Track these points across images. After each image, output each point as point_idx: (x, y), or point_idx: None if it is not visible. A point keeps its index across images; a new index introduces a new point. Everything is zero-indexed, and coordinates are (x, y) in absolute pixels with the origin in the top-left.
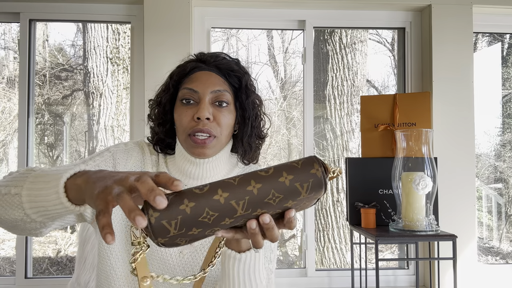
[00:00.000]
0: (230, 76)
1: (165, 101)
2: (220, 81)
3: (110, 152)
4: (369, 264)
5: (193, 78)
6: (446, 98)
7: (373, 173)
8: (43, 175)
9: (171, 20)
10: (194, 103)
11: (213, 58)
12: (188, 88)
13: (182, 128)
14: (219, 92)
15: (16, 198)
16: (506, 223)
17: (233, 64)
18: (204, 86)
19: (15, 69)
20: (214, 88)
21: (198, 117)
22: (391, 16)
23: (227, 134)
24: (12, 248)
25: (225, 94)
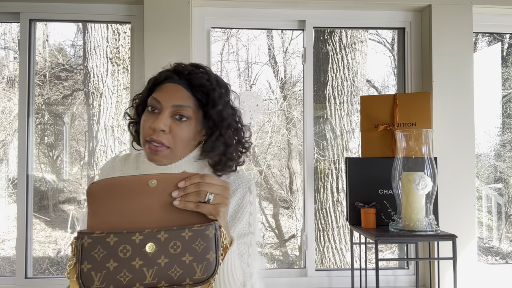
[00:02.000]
0: (197, 92)
1: (139, 102)
2: (186, 95)
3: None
4: (369, 264)
5: (162, 88)
6: (446, 98)
7: (373, 173)
8: None
9: (171, 20)
10: (157, 112)
11: (186, 71)
12: (154, 97)
13: (143, 133)
14: (179, 107)
15: None
16: (506, 223)
17: (204, 79)
18: (168, 99)
19: (15, 69)
20: (176, 102)
21: (154, 127)
22: (391, 16)
23: (183, 145)
24: (12, 248)
25: (186, 109)
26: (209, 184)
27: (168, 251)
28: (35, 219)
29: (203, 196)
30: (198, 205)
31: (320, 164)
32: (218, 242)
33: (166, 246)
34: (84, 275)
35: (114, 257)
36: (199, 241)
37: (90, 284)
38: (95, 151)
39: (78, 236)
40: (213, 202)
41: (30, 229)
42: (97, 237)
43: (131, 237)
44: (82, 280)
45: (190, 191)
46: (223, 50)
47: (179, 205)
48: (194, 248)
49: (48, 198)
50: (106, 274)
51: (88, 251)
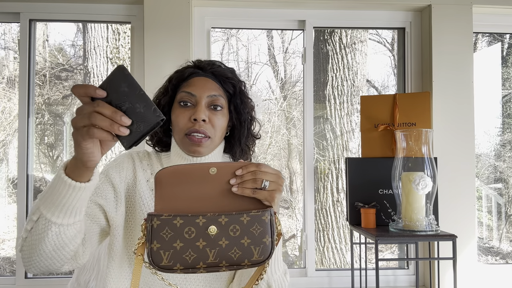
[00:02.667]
0: (225, 83)
1: (164, 103)
2: (216, 86)
3: (103, 174)
4: (369, 264)
5: (191, 83)
6: (446, 98)
7: (373, 173)
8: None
9: (171, 20)
10: (191, 106)
11: (209, 66)
12: (186, 91)
13: (179, 128)
14: (214, 96)
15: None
16: (506, 223)
17: (227, 72)
18: (201, 91)
19: (15, 69)
20: (210, 92)
21: (195, 118)
22: (391, 16)
23: (220, 135)
24: (12, 248)
25: (220, 99)
26: (264, 172)
27: (228, 233)
28: None
29: (259, 183)
30: (254, 191)
31: (320, 164)
32: (273, 227)
33: (226, 229)
34: (153, 254)
35: (180, 237)
36: (256, 226)
37: (159, 262)
38: None
39: (148, 217)
40: (269, 189)
41: None
42: (165, 219)
43: (195, 220)
44: (152, 258)
45: (247, 178)
46: (223, 50)
47: (237, 191)
48: (251, 232)
49: None
50: (173, 253)
51: (157, 232)
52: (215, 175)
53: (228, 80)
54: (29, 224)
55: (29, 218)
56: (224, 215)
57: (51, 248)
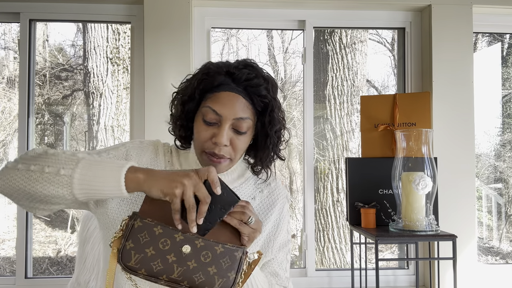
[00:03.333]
0: (256, 100)
1: (190, 109)
2: (245, 105)
3: (125, 148)
4: (369, 264)
5: (219, 98)
6: (446, 98)
7: (373, 173)
8: (96, 164)
9: (171, 20)
10: (215, 124)
11: (244, 76)
12: (212, 109)
13: (199, 143)
14: (241, 119)
15: (64, 178)
16: (506, 223)
17: (263, 88)
18: (228, 112)
19: (15, 69)
20: (237, 115)
21: (216, 142)
22: (391, 16)
23: (240, 155)
24: (12, 248)
25: (247, 121)
26: (250, 211)
27: (199, 257)
28: (35, 219)
29: (246, 217)
30: (240, 223)
31: (320, 164)
32: (241, 265)
33: (199, 253)
34: (125, 251)
35: (154, 245)
36: (227, 259)
37: (127, 261)
38: None
39: (132, 215)
40: (252, 226)
41: (30, 229)
42: (147, 223)
43: (174, 234)
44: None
45: (236, 210)
46: (223, 50)
47: (225, 218)
48: (220, 263)
49: None
50: (143, 257)
51: (135, 232)
52: None
53: (261, 98)
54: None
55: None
56: (201, 239)
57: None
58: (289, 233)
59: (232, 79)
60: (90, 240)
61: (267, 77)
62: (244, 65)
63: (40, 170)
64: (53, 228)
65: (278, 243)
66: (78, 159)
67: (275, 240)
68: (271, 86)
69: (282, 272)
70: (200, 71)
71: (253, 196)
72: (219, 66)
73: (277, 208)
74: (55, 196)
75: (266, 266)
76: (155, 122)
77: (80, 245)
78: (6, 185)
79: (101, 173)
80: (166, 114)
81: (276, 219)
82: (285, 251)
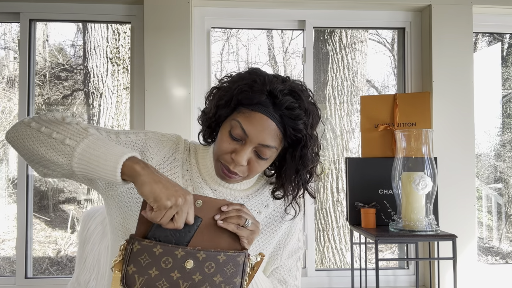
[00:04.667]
0: (289, 134)
1: (223, 115)
2: (275, 134)
3: (145, 136)
4: (369, 264)
5: (251, 118)
6: (446, 98)
7: (373, 173)
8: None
9: (171, 20)
10: (239, 141)
11: (285, 104)
12: (241, 126)
13: (218, 152)
14: (266, 147)
15: (67, 148)
16: (506, 223)
17: (300, 123)
18: (256, 135)
19: (15, 69)
20: (264, 142)
21: (234, 159)
22: (391, 16)
23: (256, 175)
24: (12, 248)
25: (272, 150)
26: (246, 213)
27: (203, 269)
28: (35, 219)
29: (243, 220)
30: (238, 227)
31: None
32: (245, 269)
33: (202, 265)
34: (128, 276)
35: (156, 265)
36: (230, 266)
37: (132, 285)
38: None
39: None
40: (250, 228)
41: (30, 229)
42: (146, 245)
43: (174, 251)
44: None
45: (231, 215)
46: (223, 50)
47: (222, 225)
48: (225, 270)
49: (48, 198)
50: (147, 279)
51: (135, 256)
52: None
53: (295, 132)
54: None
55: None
56: (203, 251)
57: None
58: (300, 241)
59: (272, 102)
60: (90, 240)
61: (310, 110)
62: (290, 91)
63: (48, 134)
64: (53, 228)
65: (288, 250)
66: (86, 134)
67: (285, 248)
68: (311, 121)
69: (291, 280)
70: (245, 78)
71: (266, 204)
72: (264, 82)
73: (289, 215)
74: (54, 162)
75: (274, 272)
76: (155, 122)
77: (80, 245)
78: (15, 138)
79: (103, 154)
80: (166, 114)
81: (288, 226)
82: (295, 258)
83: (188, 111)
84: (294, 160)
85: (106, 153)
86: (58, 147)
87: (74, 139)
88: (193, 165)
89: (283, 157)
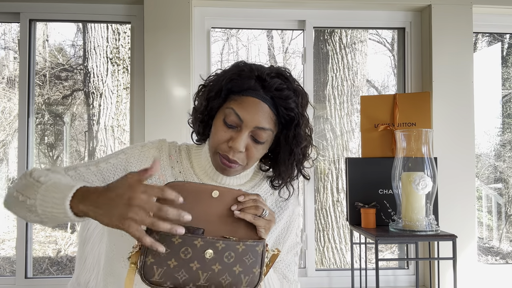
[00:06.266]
0: (282, 114)
1: (214, 106)
2: (269, 116)
3: (125, 155)
4: (369, 264)
5: (244, 103)
6: (446, 98)
7: (373, 173)
8: (52, 189)
9: (171, 20)
10: (235, 128)
11: (274, 85)
12: (235, 112)
13: (214, 142)
14: (261, 129)
15: (32, 207)
16: (506, 223)
17: (291, 101)
18: (251, 119)
19: (15, 69)
20: (259, 124)
21: (232, 146)
22: (391, 16)
23: (254, 163)
24: (12, 248)
25: (267, 132)
26: (262, 203)
27: (222, 259)
28: None
29: (260, 210)
30: (255, 217)
31: (320, 164)
32: (264, 259)
33: (222, 254)
34: (146, 268)
35: (175, 256)
36: (250, 255)
37: (150, 276)
38: (95, 151)
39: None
40: (267, 218)
41: (30, 229)
42: (165, 235)
43: (194, 241)
44: (144, 272)
45: (248, 205)
46: (223, 50)
47: (239, 215)
48: (244, 260)
49: None
50: (166, 270)
51: None
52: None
53: (287, 111)
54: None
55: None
56: (221, 241)
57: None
58: (298, 236)
59: (262, 85)
60: (90, 240)
61: (298, 90)
62: (276, 74)
63: (21, 199)
64: (53, 228)
65: (287, 246)
66: (39, 185)
67: (285, 243)
68: (300, 100)
69: (290, 275)
70: (232, 69)
71: (264, 199)
72: (251, 69)
73: (288, 210)
74: (32, 220)
75: (273, 268)
76: (155, 122)
77: (80, 245)
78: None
79: (51, 200)
80: (166, 114)
81: (286, 222)
82: (293, 253)
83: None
84: (288, 141)
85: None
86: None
87: (32, 196)
88: (186, 166)
89: (277, 144)
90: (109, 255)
